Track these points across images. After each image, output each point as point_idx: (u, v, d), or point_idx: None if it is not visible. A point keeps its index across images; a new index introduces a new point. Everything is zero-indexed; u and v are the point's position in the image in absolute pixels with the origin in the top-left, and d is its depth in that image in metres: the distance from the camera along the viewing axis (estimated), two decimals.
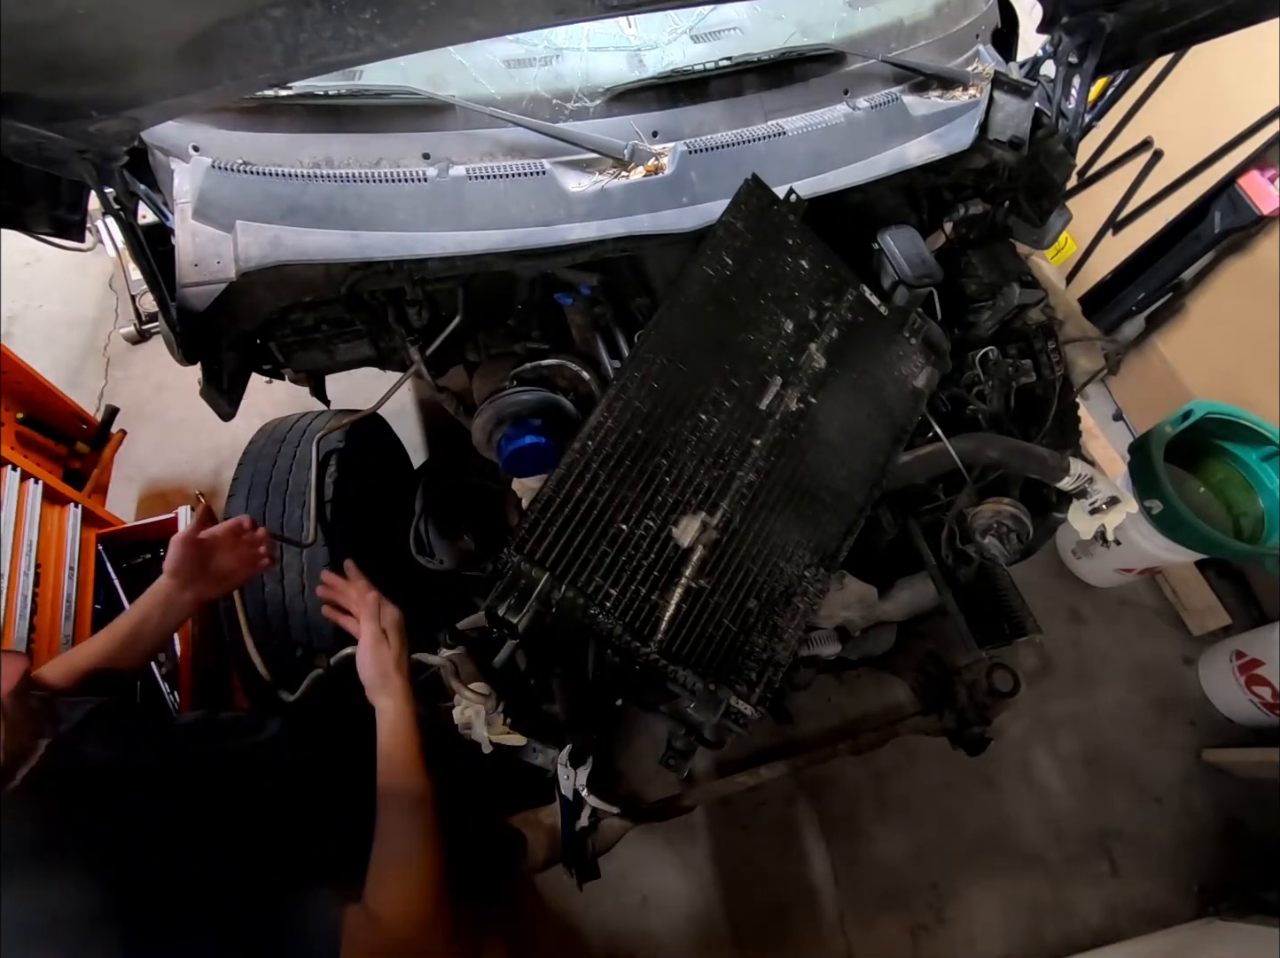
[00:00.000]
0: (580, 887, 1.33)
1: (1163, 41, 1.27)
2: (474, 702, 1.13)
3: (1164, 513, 1.85)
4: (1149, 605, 2.38)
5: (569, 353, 1.36)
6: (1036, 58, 1.44)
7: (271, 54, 0.70)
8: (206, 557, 1.05)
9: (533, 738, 1.26)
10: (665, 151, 1.21)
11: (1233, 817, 2.07)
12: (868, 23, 1.39)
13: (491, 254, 1.14)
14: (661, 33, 1.28)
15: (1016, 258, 1.51)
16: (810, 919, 1.89)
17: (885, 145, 1.30)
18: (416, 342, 1.33)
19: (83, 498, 2.02)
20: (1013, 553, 1.24)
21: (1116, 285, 2.48)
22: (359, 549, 1.48)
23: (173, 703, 1.81)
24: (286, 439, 1.61)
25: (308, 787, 0.97)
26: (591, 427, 1.00)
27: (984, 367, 1.43)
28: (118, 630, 1.00)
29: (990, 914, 1.93)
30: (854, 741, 1.61)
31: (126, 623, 1.01)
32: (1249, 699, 2.07)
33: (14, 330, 2.85)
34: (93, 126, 0.81)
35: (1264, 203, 1.99)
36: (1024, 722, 2.13)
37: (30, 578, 1.70)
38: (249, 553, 1.11)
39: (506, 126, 1.15)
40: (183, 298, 1.09)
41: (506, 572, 0.93)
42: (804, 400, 1.16)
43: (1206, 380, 2.33)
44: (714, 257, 1.12)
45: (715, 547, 1.04)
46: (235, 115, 1.13)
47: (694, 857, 1.94)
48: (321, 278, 1.16)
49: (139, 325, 2.74)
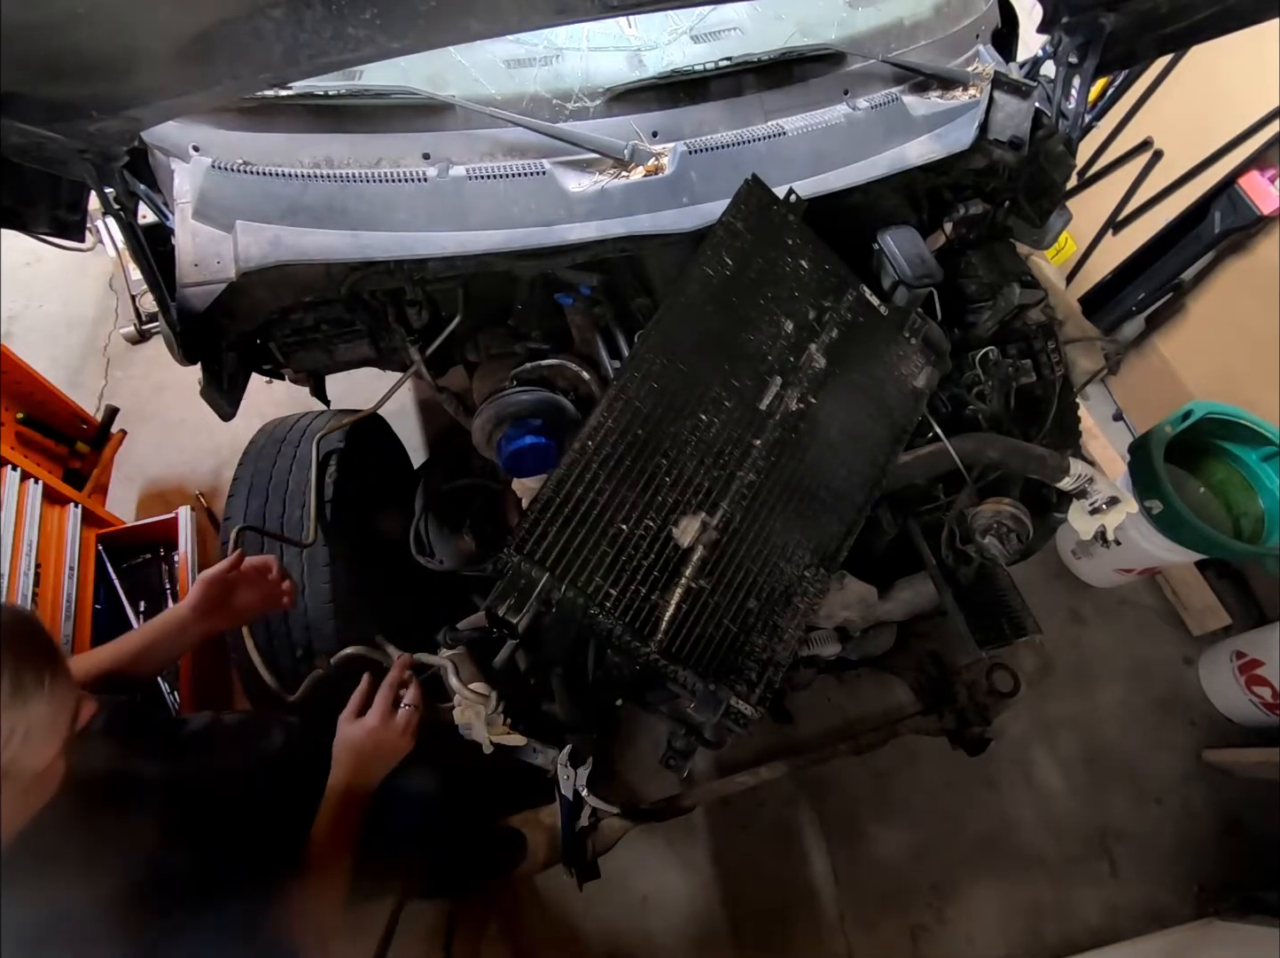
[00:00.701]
0: (580, 887, 1.33)
1: (1163, 41, 1.27)
2: (474, 702, 1.12)
3: (1164, 513, 1.85)
4: (1149, 605, 2.38)
5: (569, 353, 1.36)
6: (1036, 58, 1.44)
7: (271, 54, 0.70)
8: (229, 594, 1.04)
9: (533, 738, 1.26)
10: (665, 152, 1.21)
11: (1233, 817, 2.07)
12: (868, 23, 1.39)
13: (491, 254, 1.14)
14: (661, 33, 1.28)
15: (1016, 258, 1.51)
16: (810, 919, 1.89)
17: (885, 145, 1.30)
18: (416, 342, 1.33)
19: (83, 498, 2.02)
20: (1013, 553, 1.24)
21: (1116, 285, 2.48)
22: (359, 549, 1.49)
23: (173, 703, 1.81)
24: (286, 439, 1.61)
25: (309, 797, 0.97)
26: (591, 427, 1.00)
27: (984, 367, 1.43)
28: (124, 647, 0.99)
29: (990, 914, 1.93)
30: (854, 741, 1.61)
31: (135, 642, 1.00)
32: (1249, 699, 2.07)
33: (14, 330, 2.85)
34: (93, 126, 0.81)
35: (1264, 203, 1.99)
36: (1024, 722, 2.13)
37: (30, 578, 1.70)
38: (271, 592, 1.09)
39: (506, 126, 1.15)
40: (183, 298, 1.09)
41: (506, 572, 0.93)
42: (804, 400, 1.16)
43: (1206, 380, 2.33)
44: (714, 257, 1.12)
45: (715, 547, 1.04)
46: (235, 115, 1.13)
47: (694, 857, 1.94)
48: (321, 278, 1.16)
49: (139, 325, 2.74)
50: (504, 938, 1.82)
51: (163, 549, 2.08)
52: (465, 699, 1.14)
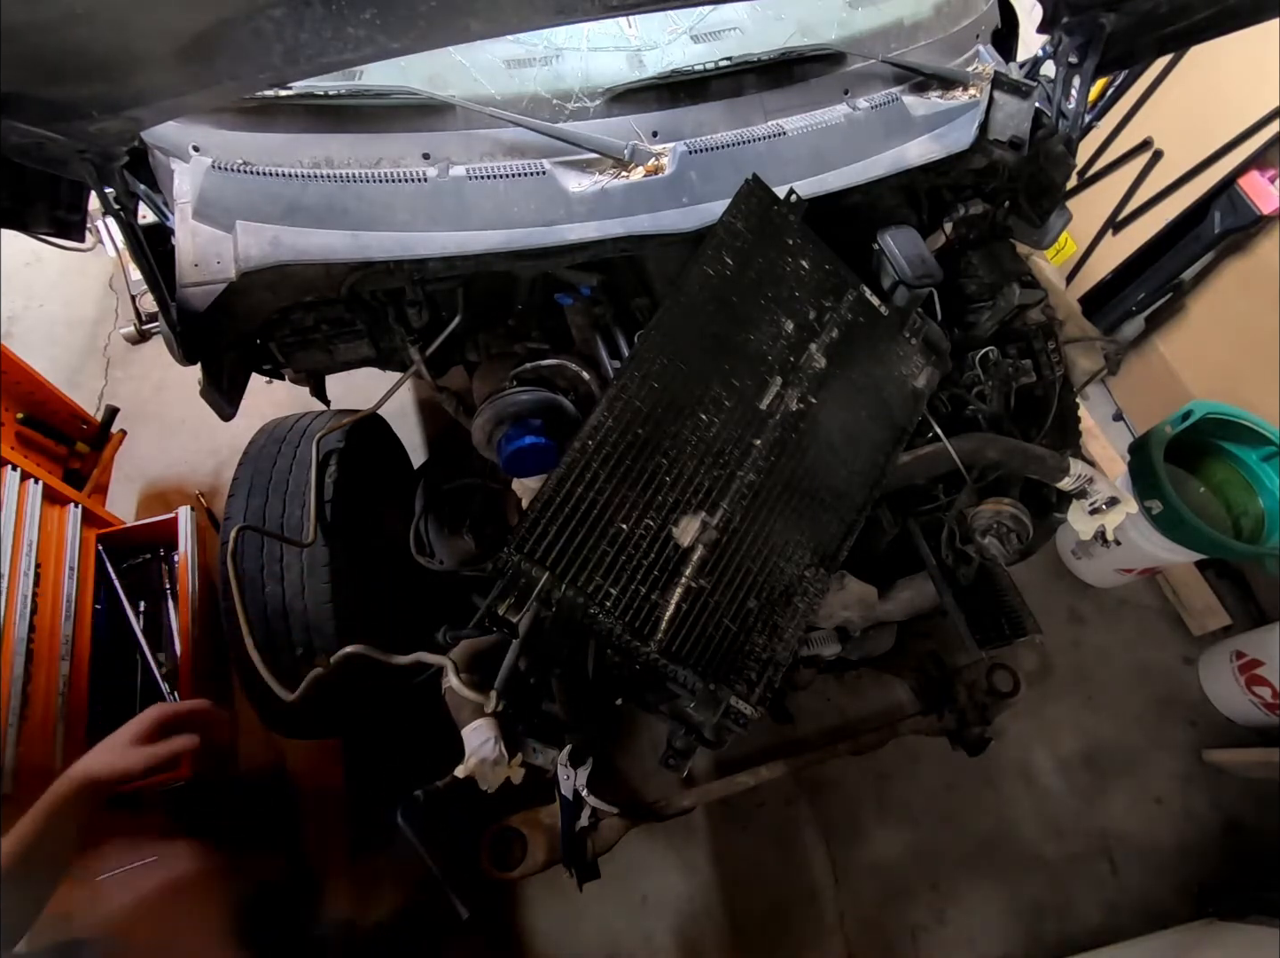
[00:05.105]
0: (580, 887, 1.33)
1: (1163, 41, 1.27)
2: (472, 699, 1.12)
3: (1164, 513, 1.85)
4: (1149, 605, 2.38)
5: (569, 353, 1.36)
6: (1036, 58, 1.44)
7: (271, 54, 0.70)
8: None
9: (533, 738, 1.26)
10: (665, 152, 1.21)
11: (1233, 817, 2.07)
12: (868, 23, 1.39)
13: (491, 254, 1.13)
14: (661, 33, 1.28)
15: (1016, 258, 1.51)
16: (810, 919, 1.89)
17: (885, 145, 1.30)
18: (416, 342, 1.33)
19: (83, 498, 2.02)
20: (1013, 553, 1.24)
21: (1116, 285, 2.48)
22: (359, 549, 1.49)
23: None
24: (286, 439, 1.61)
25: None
26: (591, 426, 1.00)
27: (984, 367, 1.43)
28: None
29: (990, 914, 1.93)
30: (854, 741, 1.61)
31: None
32: (1249, 699, 2.07)
33: (14, 330, 2.85)
34: (93, 126, 0.81)
35: (1264, 203, 2.00)
36: (1024, 722, 2.13)
37: (30, 578, 1.70)
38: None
39: (506, 126, 1.15)
40: (183, 298, 1.09)
41: (506, 571, 0.93)
42: (804, 400, 1.16)
43: (1206, 380, 2.33)
44: (714, 256, 1.12)
45: (715, 546, 1.04)
46: (235, 115, 1.13)
47: (694, 857, 1.94)
48: (321, 278, 1.16)
49: (139, 325, 2.74)
50: (504, 939, 1.82)
51: (163, 549, 2.08)
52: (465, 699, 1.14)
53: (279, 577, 1.41)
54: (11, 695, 1.52)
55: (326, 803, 1.95)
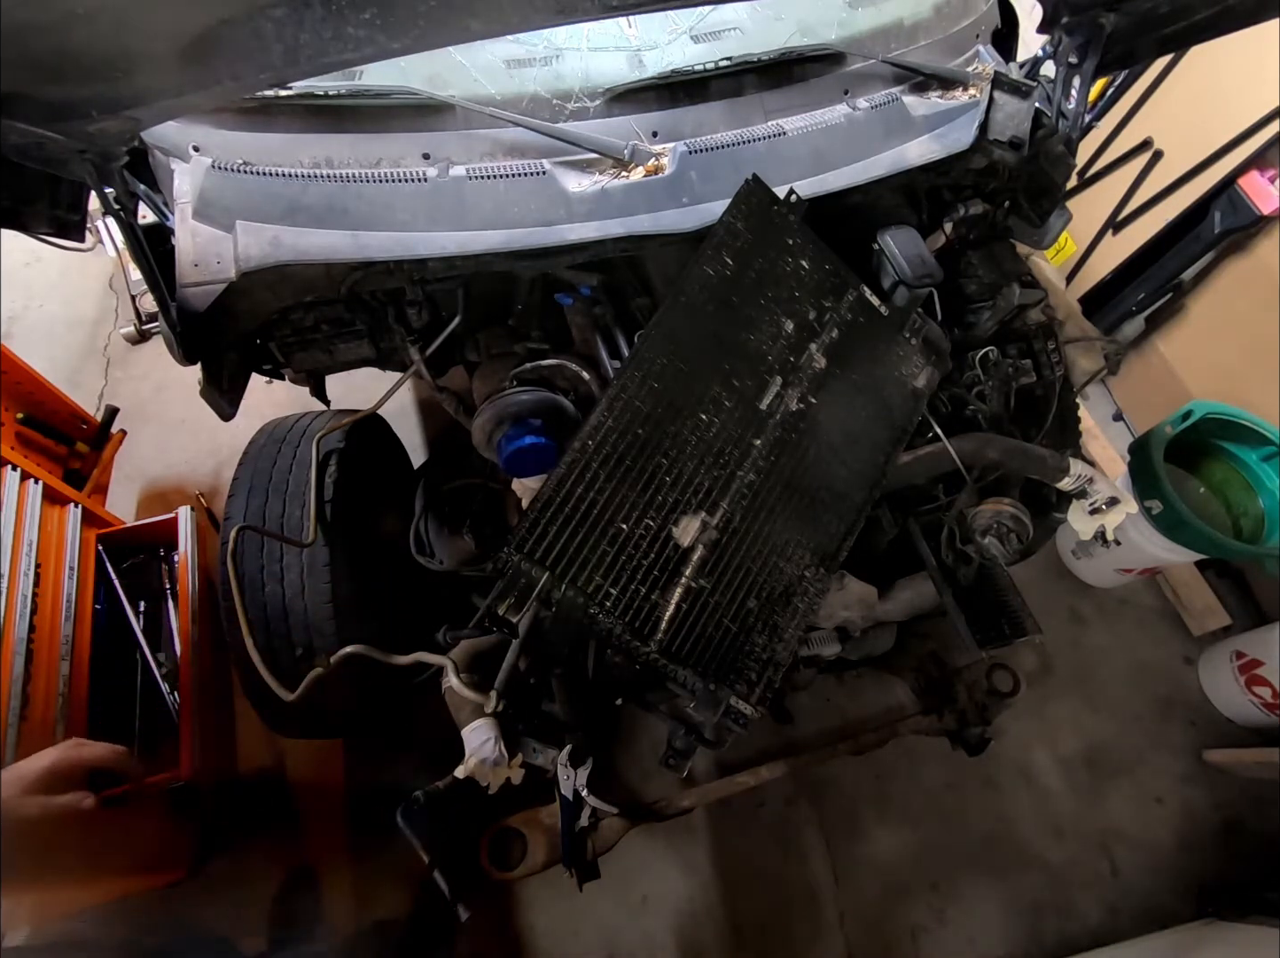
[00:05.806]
0: (580, 887, 1.33)
1: (1163, 41, 1.27)
2: (472, 699, 1.12)
3: (1164, 513, 1.85)
4: (1149, 605, 2.38)
5: (569, 353, 1.36)
6: (1036, 58, 1.44)
7: (271, 54, 0.70)
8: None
9: (532, 738, 1.26)
10: (665, 151, 1.21)
11: (1233, 817, 2.07)
12: (868, 23, 1.39)
13: (491, 254, 1.13)
14: (661, 33, 1.28)
15: (1016, 258, 1.51)
16: (810, 919, 1.89)
17: (885, 145, 1.30)
18: (416, 342, 1.33)
19: (83, 498, 2.02)
20: (1013, 553, 1.24)
21: (1116, 285, 2.48)
22: (359, 549, 1.49)
23: (172, 703, 1.81)
24: (286, 439, 1.61)
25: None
26: (591, 426, 1.00)
27: (984, 367, 1.43)
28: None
29: (990, 914, 1.93)
30: (854, 741, 1.61)
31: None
32: (1249, 699, 2.07)
33: (14, 330, 2.85)
34: (93, 126, 0.81)
35: (1264, 203, 2.00)
36: (1024, 722, 2.13)
37: (30, 578, 1.69)
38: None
39: (506, 127, 1.15)
40: (183, 298, 1.09)
41: (506, 571, 0.93)
42: (804, 400, 1.16)
43: (1206, 380, 2.33)
44: (714, 257, 1.12)
45: (715, 546, 1.04)
46: (235, 115, 1.13)
47: (694, 857, 1.94)
48: (321, 278, 1.16)
49: (139, 325, 2.74)
50: (504, 939, 1.82)
51: (163, 549, 2.08)
52: (465, 699, 1.14)
53: (279, 577, 1.41)
54: (11, 696, 1.52)
55: (326, 803, 1.95)
